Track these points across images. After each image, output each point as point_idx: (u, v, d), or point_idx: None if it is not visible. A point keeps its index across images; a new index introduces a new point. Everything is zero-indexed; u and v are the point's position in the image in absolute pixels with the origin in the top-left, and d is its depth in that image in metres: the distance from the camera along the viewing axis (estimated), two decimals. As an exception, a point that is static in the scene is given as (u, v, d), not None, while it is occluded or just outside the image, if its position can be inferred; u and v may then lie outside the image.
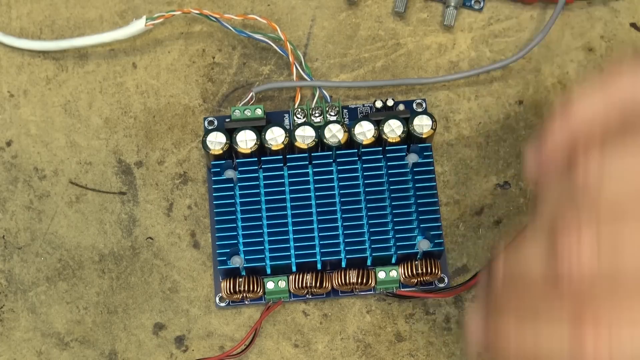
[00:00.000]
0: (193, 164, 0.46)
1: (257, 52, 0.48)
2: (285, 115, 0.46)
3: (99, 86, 0.47)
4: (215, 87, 0.47)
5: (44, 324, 0.44)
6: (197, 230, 0.45)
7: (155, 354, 0.44)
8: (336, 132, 0.44)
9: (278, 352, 0.44)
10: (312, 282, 0.43)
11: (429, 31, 0.48)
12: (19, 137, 0.47)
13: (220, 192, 0.43)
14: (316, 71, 0.48)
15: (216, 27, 0.48)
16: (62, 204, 0.46)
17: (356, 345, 0.44)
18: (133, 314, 0.44)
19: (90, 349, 0.44)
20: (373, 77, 0.48)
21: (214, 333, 0.44)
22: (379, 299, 0.44)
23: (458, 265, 0.45)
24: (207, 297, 0.45)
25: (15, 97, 0.47)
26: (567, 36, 0.48)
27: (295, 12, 0.49)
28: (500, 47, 0.48)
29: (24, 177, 0.46)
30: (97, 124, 0.47)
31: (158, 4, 0.49)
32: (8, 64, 0.48)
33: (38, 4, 0.49)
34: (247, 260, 0.42)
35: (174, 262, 0.45)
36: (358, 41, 0.48)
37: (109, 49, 0.48)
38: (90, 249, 0.45)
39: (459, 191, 0.46)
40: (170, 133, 0.47)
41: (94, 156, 0.46)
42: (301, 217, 0.43)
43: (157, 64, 0.48)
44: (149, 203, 0.46)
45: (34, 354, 0.44)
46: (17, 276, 0.45)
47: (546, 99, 0.47)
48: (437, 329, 0.44)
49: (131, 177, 0.46)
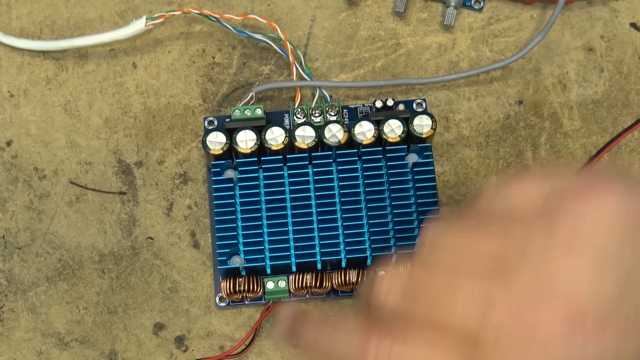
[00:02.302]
0: (193, 164, 0.46)
1: (257, 52, 0.48)
2: (285, 115, 0.46)
3: (99, 86, 0.47)
4: (215, 87, 0.47)
5: (44, 324, 0.44)
6: (197, 230, 0.45)
7: (155, 354, 0.44)
8: (336, 132, 0.44)
9: (278, 352, 0.44)
10: (312, 282, 0.43)
11: (429, 31, 0.48)
12: (19, 137, 0.47)
13: (220, 192, 0.43)
14: (316, 71, 0.48)
15: (216, 27, 0.48)
16: (62, 204, 0.46)
17: (356, 345, 0.44)
18: (133, 314, 0.44)
19: (90, 349, 0.44)
20: (373, 77, 0.48)
21: (214, 333, 0.44)
22: (379, 299, 0.44)
23: (458, 265, 0.45)
24: (207, 297, 0.45)
25: (15, 97, 0.47)
26: (567, 36, 0.48)
27: (295, 12, 0.49)
28: (500, 47, 0.48)
29: (24, 177, 0.46)
30: (97, 124, 0.47)
31: (158, 4, 0.49)
32: (8, 64, 0.48)
33: (38, 4, 0.49)
34: (247, 260, 0.42)
35: (174, 262, 0.45)
36: (358, 41, 0.48)
37: (109, 49, 0.48)
38: (90, 249, 0.45)
39: (459, 191, 0.46)
40: (170, 133, 0.47)
41: (94, 156, 0.47)
42: (301, 217, 0.43)
43: (157, 64, 0.48)
44: (149, 203, 0.46)
45: (34, 354, 0.44)
46: (17, 276, 0.45)
47: (546, 99, 0.47)
48: (437, 329, 0.44)
49: (131, 177, 0.46)
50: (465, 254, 0.30)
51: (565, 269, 0.29)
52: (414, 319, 0.30)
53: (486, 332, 0.28)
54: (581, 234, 0.29)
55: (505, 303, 0.28)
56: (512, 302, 0.28)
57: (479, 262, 0.30)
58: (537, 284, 0.29)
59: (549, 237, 0.30)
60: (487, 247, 0.30)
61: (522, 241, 0.30)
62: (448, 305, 0.29)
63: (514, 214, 0.31)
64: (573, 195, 0.30)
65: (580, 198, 0.30)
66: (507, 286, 0.29)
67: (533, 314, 0.28)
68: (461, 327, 0.29)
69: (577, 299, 0.28)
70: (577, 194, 0.30)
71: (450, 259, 0.31)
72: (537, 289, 0.29)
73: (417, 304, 0.30)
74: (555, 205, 0.30)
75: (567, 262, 0.29)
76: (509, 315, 0.28)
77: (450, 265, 0.30)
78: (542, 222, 0.30)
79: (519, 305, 0.28)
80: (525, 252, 0.29)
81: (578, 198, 0.30)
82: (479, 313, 0.29)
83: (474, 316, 0.29)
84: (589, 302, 0.28)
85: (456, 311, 0.29)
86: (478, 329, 0.28)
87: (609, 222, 0.29)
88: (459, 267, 0.30)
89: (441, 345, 0.29)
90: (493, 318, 0.28)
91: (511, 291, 0.29)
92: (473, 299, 0.29)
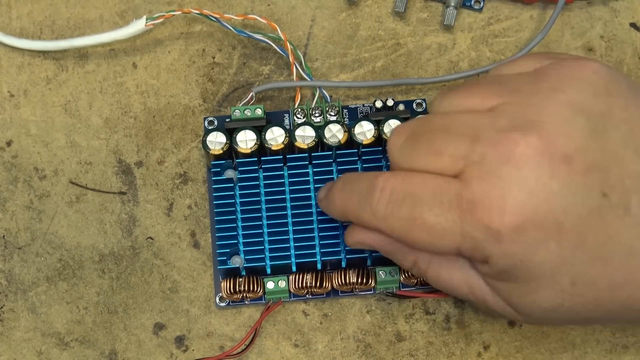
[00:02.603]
0: (193, 164, 0.46)
1: (257, 52, 0.48)
2: (285, 115, 0.46)
3: (99, 86, 0.47)
4: (215, 87, 0.47)
5: (44, 324, 0.44)
6: (197, 230, 0.45)
7: (155, 354, 0.44)
8: (336, 132, 0.44)
9: (278, 352, 0.44)
10: (312, 282, 0.43)
11: (429, 31, 0.48)
12: (19, 137, 0.47)
13: (220, 192, 0.43)
14: (316, 71, 0.48)
15: (216, 27, 0.48)
16: (62, 204, 0.46)
17: (356, 345, 0.44)
18: (133, 314, 0.44)
19: (90, 349, 0.44)
20: (373, 77, 0.48)
21: (214, 333, 0.44)
22: (379, 299, 0.44)
23: (458, 265, 0.45)
24: (207, 297, 0.45)
25: (15, 97, 0.47)
26: (567, 36, 0.48)
27: (295, 12, 0.49)
28: (500, 47, 0.48)
29: (24, 177, 0.46)
30: (97, 124, 0.47)
31: (158, 4, 0.49)
32: (8, 64, 0.48)
33: (38, 4, 0.49)
34: (247, 260, 0.42)
35: (174, 262, 0.45)
36: (358, 41, 0.48)
37: (109, 49, 0.48)
38: (90, 249, 0.45)
39: (459, 191, 0.46)
40: (170, 133, 0.47)
41: (94, 156, 0.47)
42: (301, 217, 0.43)
43: (157, 64, 0.48)
44: (149, 203, 0.46)
45: (34, 354, 0.44)
46: (17, 276, 0.45)
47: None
48: (437, 329, 0.44)
49: (131, 177, 0.46)
50: (462, 106, 0.37)
51: (544, 111, 0.34)
52: (414, 154, 0.36)
53: (472, 157, 0.34)
54: (562, 84, 0.35)
55: (489, 138, 0.34)
56: (494, 136, 0.34)
57: (473, 113, 0.36)
58: (517, 122, 0.34)
59: (534, 85, 0.35)
60: (483, 104, 0.36)
61: (512, 89, 0.36)
62: (443, 141, 0.35)
63: (511, 77, 0.37)
64: (562, 60, 0.36)
65: (568, 61, 0.36)
66: (491, 125, 0.35)
67: (511, 144, 0.34)
68: (453, 155, 0.35)
69: (549, 137, 0.33)
70: (566, 60, 0.36)
71: (449, 110, 0.37)
72: (516, 126, 0.34)
73: (419, 141, 0.36)
74: (546, 67, 0.36)
75: (546, 106, 0.34)
76: (491, 145, 0.34)
77: (448, 115, 0.37)
78: (532, 77, 0.36)
79: (500, 138, 0.34)
80: (512, 97, 0.35)
81: (566, 62, 0.36)
82: (467, 145, 0.34)
83: (463, 148, 0.35)
84: (559, 140, 0.33)
85: (449, 146, 0.35)
86: (466, 155, 0.34)
87: (587, 79, 0.35)
88: (455, 115, 0.36)
89: (433, 171, 0.35)
90: (478, 147, 0.34)
91: (494, 129, 0.34)
92: (464, 136, 0.35)
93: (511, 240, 0.34)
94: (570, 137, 0.34)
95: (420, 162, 0.36)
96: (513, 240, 0.34)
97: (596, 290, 0.35)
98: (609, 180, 0.34)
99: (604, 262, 0.34)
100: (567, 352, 0.44)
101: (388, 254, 0.38)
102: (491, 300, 0.37)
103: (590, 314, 0.36)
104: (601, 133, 0.34)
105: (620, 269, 0.34)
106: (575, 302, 0.35)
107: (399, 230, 0.36)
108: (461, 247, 0.35)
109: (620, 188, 0.34)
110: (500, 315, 0.40)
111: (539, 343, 0.44)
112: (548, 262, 0.34)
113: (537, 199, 0.33)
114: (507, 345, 0.44)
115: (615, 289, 0.35)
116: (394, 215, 0.36)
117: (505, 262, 0.34)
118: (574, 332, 0.44)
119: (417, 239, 0.36)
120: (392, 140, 0.37)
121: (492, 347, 0.44)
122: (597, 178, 0.34)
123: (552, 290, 0.35)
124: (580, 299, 0.35)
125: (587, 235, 0.34)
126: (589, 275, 0.34)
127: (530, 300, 0.35)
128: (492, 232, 0.34)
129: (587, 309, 0.35)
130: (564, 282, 0.34)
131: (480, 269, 0.36)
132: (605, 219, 0.34)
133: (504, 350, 0.44)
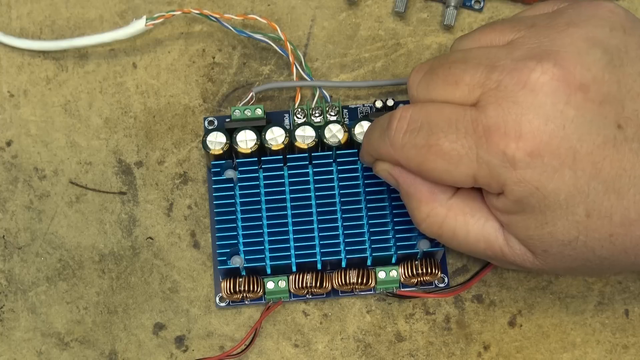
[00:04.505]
0: (193, 164, 0.46)
1: (257, 52, 0.48)
2: (285, 115, 0.46)
3: (99, 86, 0.47)
4: (215, 87, 0.47)
5: (44, 324, 0.44)
6: (197, 230, 0.45)
7: (155, 354, 0.44)
8: (336, 132, 0.44)
9: (278, 352, 0.44)
10: (312, 282, 0.43)
11: (429, 31, 0.48)
12: (19, 137, 0.47)
13: (220, 192, 0.43)
14: (316, 71, 0.48)
15: (216, 27, 0.48)
16: (62, 204, 0.46)
17: (356, 345, 0.44)
18: (133, 314, 0.44)
19: (90, 349, 0.44)
20: (373, 77, 0.48)
21: (214, 333, 0.44)
22: (379, 299, 0.44)
23: (458, 265, 0.45)
24: (207, 297, 0.45)
25: (15, 97, 0.47)
26: (567, 36, 0.48)
27: (295, 12, 0.49)
28: (500, 47, 0.48)
29: (24, 177, 0.46)
30: (97, 124, 0.47)
31: (158, 4, 0.49)
32: (8, 64, 0.48)
33: (38, 4, 0.49)
34: (247, 260, 0.42)
35: (174, 262, 0.45)
36: (358, 41, 0.48)
37: (109, 49, 0.48)
38: (90, 249, 0.45)
39: (459, 191, 0.46)
40: (170, 133, 0.47)
41: (94, 156, 0.47)
42: (301, 217, 0.43)
43: (157, 64, 0.48)
44: (149, 203, 0.46)
45: (34, 354, 0.44)
46: (17, 276, 0.45)
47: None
48: (437, 329, 0.44)
49: (131, 177, 0.46)
50: (480, 42, 0.38)
51: (560, 42, 0.35)
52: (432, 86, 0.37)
53: (488, 84, 0.35)
54: (579, 19, 0.36)
55: (506, 66, 0.35)
56: (511, 64, 0.35)
57: (491, 47, 0.37)
58: (533, 52, 0.35)
59: (551, 20, 0.36)
60: (501, 39, 0.37)
61: (529, 24, 0.37)
62: (460, 71, 0.36)
63: (529, 17, 0.38)
64: (580, 1, 0.37)
65: (585, 2, 0.37)
66: (508, 55, 0.35)
67: (527, 71, 0.34)
68: (469, 84, 0.35)
69: (566, 65, 0.34)
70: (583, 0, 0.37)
71: (468, 46, 0.38)
72: (532, 55, 0.35)
73: (436, 74, 0.37)
74: (563, 7, 0.37)
75: (562, 37, 0.35)
76: (507, 72, 0.34)
77: (466, 50, 0.37)
78: (549, 15, 0.37)
79: (516, 65, 0.34)
80: (529, 31, 0.36)
81: (584, 2, 0.37)
82: (483, 74, 0.35)
83: (480, 76, 0.35)
84: (575, 69, 0.34)
85: (466, 75, 0.35)
86: (482, 83, 0.35)
87: (604, 16, 0.36)
88: (473, 50, 0.37)
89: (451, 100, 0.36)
90: (494, 75, 0.35)
91: (510, 58, 0.35)
92: (480, 65, 0.35)
93: (526, 166, 0.34)
94: (587, 66, 0.34)
95: (438, 92, 0.36)
96: (528, 166, 0.34)
97: (611, 225, 0.35)
98: (624, 112, 0.34)
99: (618, 195, 0.34)
100: (567, 352, 0.44)
101: (405, 196, 0.38)
102: (508, 251, 0.37)
103: (606, 252, 0.36)
104: (617, 67, 0.35)
105: (635, 203, 0.34)
106: (590, 236, 0.35)
107: (416, 159, 0.36)
108: (477, 175, 0.35)
109: (635, 122, 0.34)
110: (519, 269, 0.40)
111: (539, 343, 0.44)
112: (563, 190, 0.34)
113: (552, 124, 0.33)
114: (507, 345, 0.44)
115: (629, 225, 0.35)
116: (411, 143, 0.36)
117: (521, 189, 0.34)
118: (574, 332, 0.44)
119: (433, 167, 0.36)
120: (412, 77, 0.38)
121: (492, 347, 0.44)
122: (613, 109, 0.34)
123: (568, 222, 0.35)
124: (595, 233, 0.35)
125: (602, 166, 0.34)
126: (603, 207, 0.34)
127: (547, 232, 0.35)
128: (507, 157, 0.34)
129: (602, 246, 0.35)
130: (579, 213, 0.34)
131: (495, 204, 0.36)
132: (619, 150, 0.34)
133: (504, 350, 0.44)
